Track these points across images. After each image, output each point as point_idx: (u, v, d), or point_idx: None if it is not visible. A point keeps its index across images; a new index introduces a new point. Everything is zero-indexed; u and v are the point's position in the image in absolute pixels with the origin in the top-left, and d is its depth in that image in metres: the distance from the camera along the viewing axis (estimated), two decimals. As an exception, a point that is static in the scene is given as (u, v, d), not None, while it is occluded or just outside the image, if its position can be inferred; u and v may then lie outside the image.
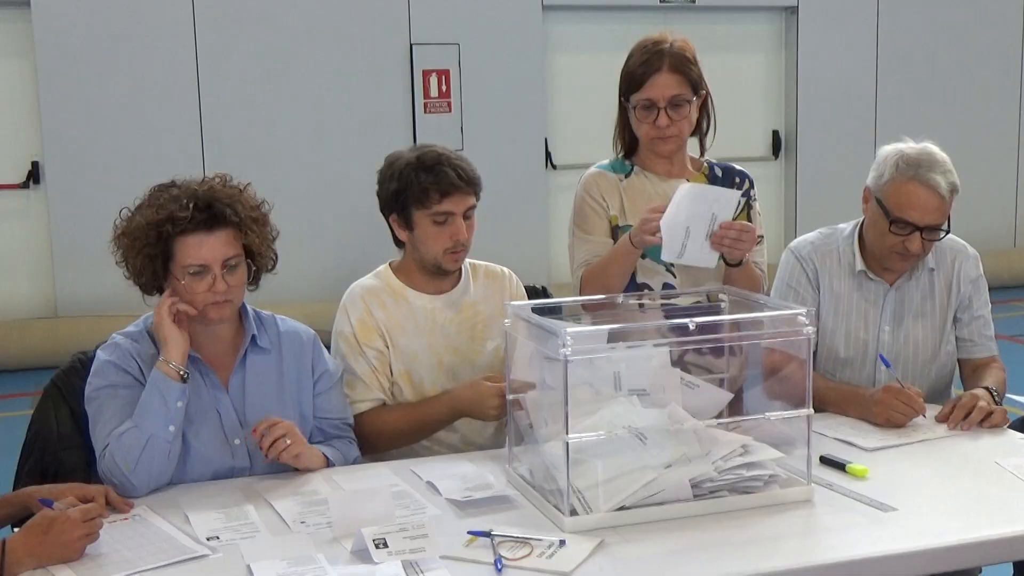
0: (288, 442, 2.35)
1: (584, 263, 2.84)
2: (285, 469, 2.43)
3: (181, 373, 2.34)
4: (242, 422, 2.45)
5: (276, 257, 2.54)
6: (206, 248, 2.35)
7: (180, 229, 2.33)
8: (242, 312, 2.52)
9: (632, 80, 2.77)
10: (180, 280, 2.36)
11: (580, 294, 2.79)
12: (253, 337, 2.50)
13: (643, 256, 2.80)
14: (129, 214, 2.41)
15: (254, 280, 2.50)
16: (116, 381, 2.39)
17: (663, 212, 2.58)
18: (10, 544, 1.95)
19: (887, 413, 2.63)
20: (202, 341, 2.46)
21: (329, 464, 2.47)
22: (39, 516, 2.00)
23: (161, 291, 2.45)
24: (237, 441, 2.44)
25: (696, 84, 2.78)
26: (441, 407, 2.70)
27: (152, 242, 2.35)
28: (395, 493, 2.26)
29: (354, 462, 2.58)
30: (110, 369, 2.40)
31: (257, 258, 2.46)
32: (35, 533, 1.96)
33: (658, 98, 2.74)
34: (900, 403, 2.63)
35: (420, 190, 2.66)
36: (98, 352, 2.46)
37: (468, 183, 2.69)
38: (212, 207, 2.35)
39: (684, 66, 2.75)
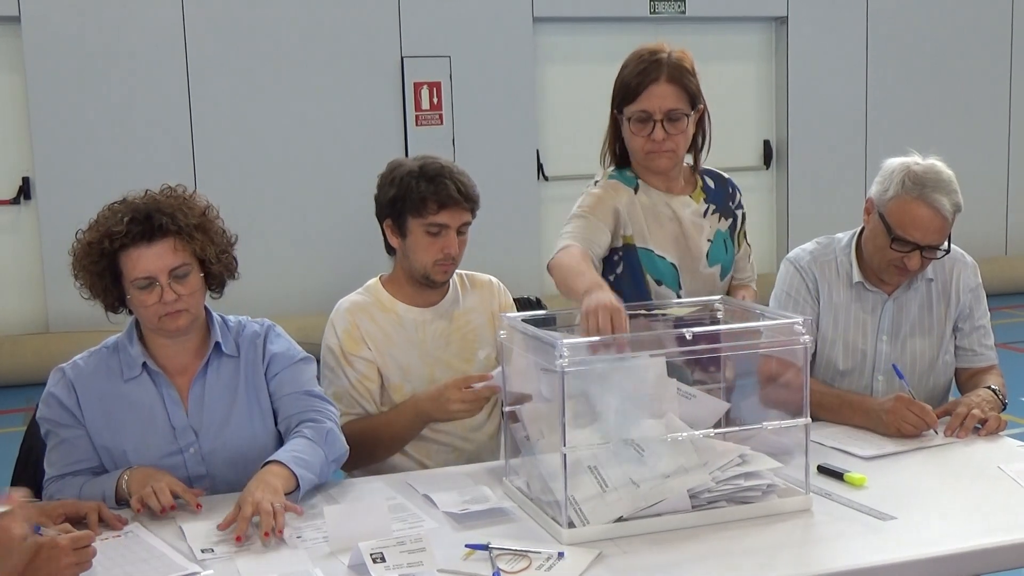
0: (275, 507, 2.15)
1: (573, 239, 2.63)
2: (246, 475, 2.34)
3: (128, 499, 2.29)
4: (197, 431, 2.43)
5: (236, 262, 2.52)
6: (147, 260, 2.35)
7: (119, 244, 2.34)
8: (208, 320, 2.52)
9: (627, 90, 2.67)
10: (128, 294, 2.38)
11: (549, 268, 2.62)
12: (217, 344, 2.49)
13: (658, 283, 2.76)
14: (82, 235, 2.42)
15: (216, 288, 2.50)
16: (57, 419, 2.42)
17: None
18: None
19: (898, 423, 2.62)
20: (168, 352, 2.46)
21: (298, 485, 2.29)
22: (26, 542, 1.93)
23: (125, 308, 2.45)
24: (192, 450, 2.43)
25: (694, 97, 2.69)
26: (404, 412, 2.68)
27: (96, 260, 2.37)
28: (392, 506, 2.25)
29: (339, 456, 2.47)
30: (53, 403, 2.42)
31: (210, 265, 2.44)
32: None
33: (654, 110, 2.65)
34: (911, 414, 2.62)
35: (418, 199, 2.65)
36: (52, 373, 2.46)
37: (467, 199, 2.68)
38: (151, 218, 2.35)
39: (682, 77, 2.66)
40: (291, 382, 2.52)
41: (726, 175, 2.93)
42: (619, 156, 2.83)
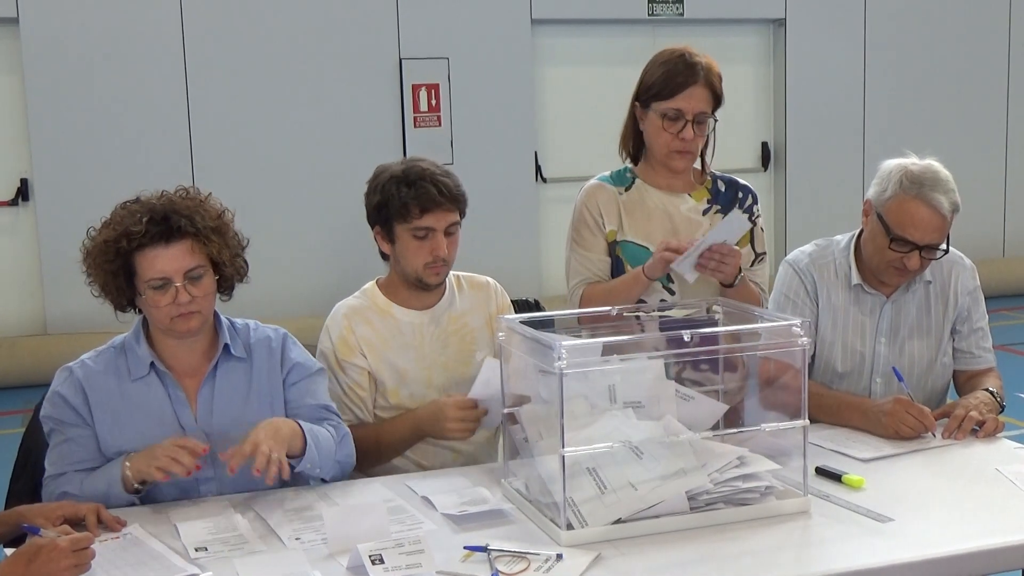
0: (272, 456, 2.23)
1: (583, 281, 2.87)
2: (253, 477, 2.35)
3: (136, 486, 2.32)
4: (208, 433, 2.43)
5: (247, 265, 2.53)
6: (164, 260, 2.35)
7: (136, 244, 2.34)
8: (217, 323, 2.52)
9: (662, 88, 2.78)
10: (142, 294, 2.37)
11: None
12: (226, 346, 2.49)
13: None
14: (95, 233, 2.42)
15: (227, 290, 2.50)
16: (63, 418, 2.41)
17: (682, 251, 2.64)
18: None
19: (896, 425, 2.62)
20: (176, 352, 2.46)
21: (306, 443, 2.35)
22: (26, 544, 1.96)
23: (134, 307, 2.45)
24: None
25: (718, 103, 2.83)
26: (401, 425, 2.70)
27: (111, 259, 2.36)
28: (391, 508, 2.25)
29: (347, 456, 2.51)
30: (59, 402, 2.42)
31: (223, 268, 2.45)
32: (19, 562, 1.90)
33: (687, 110, 2.76)
34: (910, 417, 2.62)
35: (401, 205, 2.66)
36: (58, 372, 2.46)
37: (450, 200, 2.68)
38: (169, 219, 2.36)
39: (714, 84, 2.81)
40: (309, 394, 2.54)
41: (742, 182, 2.97)
42: (633, 151, 2.93)
